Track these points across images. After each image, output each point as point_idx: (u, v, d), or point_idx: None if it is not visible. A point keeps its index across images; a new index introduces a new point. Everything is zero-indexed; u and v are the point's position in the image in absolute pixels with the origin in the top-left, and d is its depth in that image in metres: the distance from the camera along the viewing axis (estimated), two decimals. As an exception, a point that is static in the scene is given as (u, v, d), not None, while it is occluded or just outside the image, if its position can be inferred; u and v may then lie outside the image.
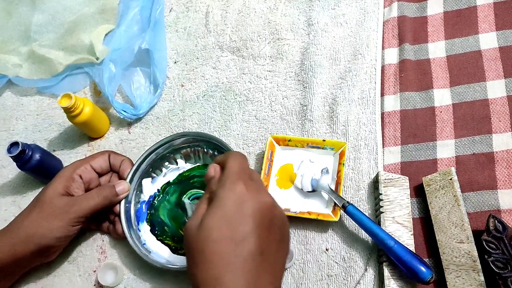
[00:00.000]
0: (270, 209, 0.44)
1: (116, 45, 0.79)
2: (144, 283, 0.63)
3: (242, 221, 0.42)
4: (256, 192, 0.44)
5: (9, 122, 0.80)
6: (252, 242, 0.42)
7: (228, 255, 0.41)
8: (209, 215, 0.43)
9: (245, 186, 0.44)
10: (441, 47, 0.69)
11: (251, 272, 0.41)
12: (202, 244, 0.42)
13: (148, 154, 0.67)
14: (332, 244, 0.60)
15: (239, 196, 0.43)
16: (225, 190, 0.44)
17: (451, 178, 0.57)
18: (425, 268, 0.52)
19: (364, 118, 0.66)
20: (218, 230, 0.42)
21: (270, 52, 0.75)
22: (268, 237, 0.43)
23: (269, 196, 0.45)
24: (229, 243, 0.41)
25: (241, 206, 0.43)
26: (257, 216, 0.43)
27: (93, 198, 0.61)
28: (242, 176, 0.45)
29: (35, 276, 0.66)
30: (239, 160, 0.47)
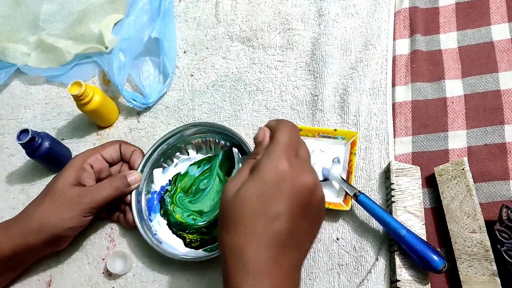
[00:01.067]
0: (309, 192, 0.44)
1: (125, 35, 0.79)
2: (153, 272, 0.63)
3: (277, 199, 0.42)
4: (299, 171, 0.43)
5: (18, 111, 0.80)
6: (283, 222, 0.42)
7: (257, 229, 0.41)
8: (247, 185, 0.43)
9: (288, 164, 0.43)
10: (453, 38, 0.69)
11: (276, 249, 0.41)
12: (235, 212, 0.42)
13: (159, 144, 0.66)
14: (343, 234, 0.60)
15: (281, 173, 0.42)
16: (267, 164, 0.43)
17: (464, 168, 0.57)
18: (438, 257, 0.51)
19: (375, 108, 0.66)
20: (254, 202, 0.42)
21: (281, 42, 0.75)
22: (300, 220, 0.43)
23: (311, 177, 0.44)
24: (261, 217, 0.42)
25: (280, 184, 0.42)
26: (294, 197, 0.42)
27: (105, 189, 0.61)
28: (288, 152, 0.44)
29: (44, 263, 0.66)
30: (289, 132, 0.46)
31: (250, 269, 0.41)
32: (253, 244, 0.41)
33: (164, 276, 0.62)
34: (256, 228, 0.41)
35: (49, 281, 0.65)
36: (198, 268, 0.61)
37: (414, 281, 0.54)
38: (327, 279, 0.58)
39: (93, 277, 0.64)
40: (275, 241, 0.41)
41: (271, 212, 0.42)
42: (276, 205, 0.42)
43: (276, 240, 0.42)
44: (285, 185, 0.42)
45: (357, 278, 0.57)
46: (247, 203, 0.42)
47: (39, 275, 0.65)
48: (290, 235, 0.42)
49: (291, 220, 0.42)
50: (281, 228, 0.42)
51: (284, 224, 0.42)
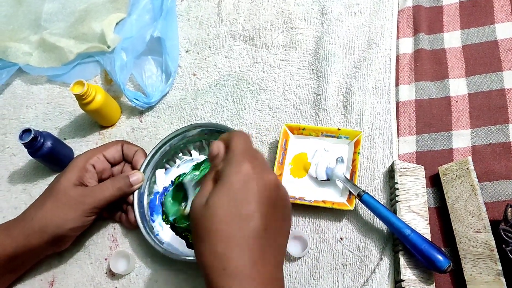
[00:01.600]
0: (275, 188, 0.45)
1: (127, 34, 0.78)
2: (156, 272, 0.63)
3: (248, 199, 0.43)
4: (262, 171, 0.44)
5: (20, 111, 0.80)
6: (257, 219, 0.42)
7: (234, 232, 0.42)
8: (215, 193, 0.44)
9: (250, 165, 0.44)
10: (456, 37, 0.69)
11: (256, 248, 0.42)
12: (209, 222, 0.43)
13: (162, 145, 0.66)
14: (347, 233, 0.60)
15: (245, 175, 0.43)
16: (231, 169, 0.44)
17: (468, 167, 0.57)
18: (443, 257, 0.51)
19: (378, 107, 0.66)
20: (225, 208, 0.42)
21: (283, 41, 0.75)
22: (272, 215, 0.44)
23: (273, 175, 0.45)
24: (235, 220, 0.42)
25: (247, 185, 0.43)
26: (262, 194, 0.43)
27: (107, 189, 0.61)
28: (248, 155, 0.45)
29: (47, 263, 0.66)
30: (243, 139, 0.47)
31: (234, 273, 0.41)
32: (234, 249, 0.42)
33: (167, 276, 0.62)
34: (233, 232, 0.42)
35: (52, 281, 0.65)
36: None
37: (419, 281, 0.53)
38: (331, 279, 0.58)
39: (96, 277, 0.64)
40: (253, 241, 0.42)
41: (244, 213, 0.42)
42: (247, 205, 0.43)
43: (254, 240, 0.42)
44: (252, 184, 0.43)
45: (361, 278, 0.57)
46: (219, 210, 0.43)
47: (42, 275, 0.65)
48: (266, 233, 0.43)
49: (264, 217, 0.43)
50: (256, 226, 0.42)
51: (258, 221, 0.42)
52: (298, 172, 0.63)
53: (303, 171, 0.63)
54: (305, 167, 0.63)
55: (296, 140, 0.65)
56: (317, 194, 0.61)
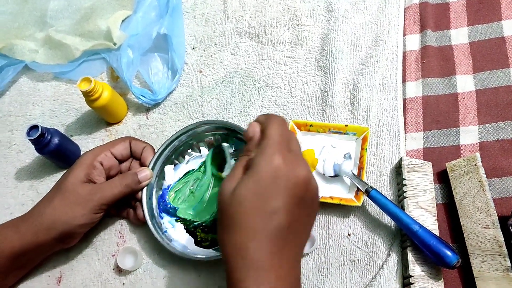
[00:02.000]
0: (304, 184, 0.44)
1: (133, 31, 0.78)
2: (163, 268, 0.63)
3: (275, 195, 0.42)
4: (293, 165, 0.44)
5: (26, 108, 0.80)
6: (282, 216, 0.42)
7: (256, 225, 0.42)
8: (243, 183, 0.43)
9: (282, 159, 0.43)
10: (463, 34, 0.69)
11: (276, 243, 0.42)
12: (233, 210, 0.42)
13: (171, 141, 0.66)
14: (354, 229, 0.60)
15: (276, 169, 0.43)
16: (262, 161, 0.43)
17: (476, 163, 0.57)
18: (451, 253, 0.51)
19: (385, 104, 0.66)
20: (250, 200, 0.42)
21: (290, 38, 0.75)
22: (297, 212, 0.44)
23: (305, 169, 0.44)
24: (259, 214, 0.42)
25: (276, 180, 0.42)
26: (290, 191, 0.43)
27: (116, 186, 0.61)
28: (281, 147, 0.44)
29: (54, 260, 0.66)
30: (280, 127, 0.46)
31: (253, 265, 0.41)
32: (254, 240, 0.41)
33: (174, 272, 0.62)
34: (256, 225, 0.42)
35: (59, 277, 0.65)
36: (209, 265, 0.61)
37: (427, 277, 0.53)
38: (339, 275, 0.58)
39: (103, 273, 0.64)
40: (276, 236, 0.42)
41: (269, 208, 0.42)
42: (273, 201, 0.42)
43: (276, 235, 0.42)
44: (281, 181, 0.43)
45: (369, 274, 0.57)
46: (245, 201, 0.42)
47: (49, 272, 0.65)
48: (289, 229, 0.43)
49: (289, 214, 0.43)
50: (280, 222, 0.42)
51: (282, 219, 0.42)
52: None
53: (311, 168, 0.63)
54: (313, 164, 0.63)
55: (303, 137, 0.65)
56: (325, 190, 0.61)
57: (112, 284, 0.63)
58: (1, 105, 0.81)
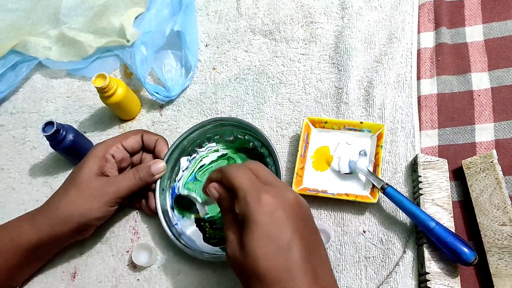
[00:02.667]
0: (298, 204, 0.45)
1: (146, 28, 0.79)
2: (178, 264, 0.63)
3: (281, 229, 0.43)
4: (279, 194, 0.45)
5: (40, 104, 0.80)
6: (298, 244, 0.43)
7: (282, 266, 0.42)
8: (247, 237, 0.43)
9: (268, 194, 0.44)
10: (478, 31, 0.68)
11: (309, 270, 0.42)
12: (251, 266, 0.42)
13: (189, 133, 0.67)
14: (370, 226, 0.60)
15: (268, 207, 0.43)
16: (253, 208, 0.44)
17: (492, 161, 0.57)
18: (468, 250, 0.51)
19: (400, 101, 0.66)
20: (262, 247, 0.42)
21: (303, 36, 0.75)
22: (306, 232, 0.44)
23: (291, 192, 0.46)
24: (278, 254, 0.42)
25: (274, 215, 0.43)
26: (290, 217, 0.44)
27: (130, 179, 0.61)
28: (257, 186, 0.45)
29: (68, 255, 0.66)
30: (240, 173, 0.47)
31: None
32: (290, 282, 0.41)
33: (189, 268, 0.62)
34: (282, 266, 0.42)
35: (74, 273, 0.65)
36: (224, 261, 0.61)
37: (444, 274, 0.53)
38: (354, 272, 0.58)
39: (118, 269, 0.64)
40: (303, 265, 0.42)
41: (283, 243, 0.42)
42: (283, 235, 0.43)
43: (303, 264, 0.42)
44: (279, 214, 0.43)
45: (384, 271, 0.57)
46: (260, 251, 0.42)
47: (64, 267, 0.66)
48: (309, 252, 0.43)
49: (302, 239, 0.43)
50: (299, 251, 0.43)
51: (300, 246, 0.43)
52: (320, 165, 0.63)
53: (325, 164, 0.63)
54: (328, 161, 0.63)
55: (318, 134, 0.65)
56: (340, 187, 0.61)
57: (126, 280, 0.63)
58: (15, 102, 0.81)
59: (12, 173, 0.74)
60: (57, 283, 0.65)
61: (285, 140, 0.68)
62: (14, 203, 0.71)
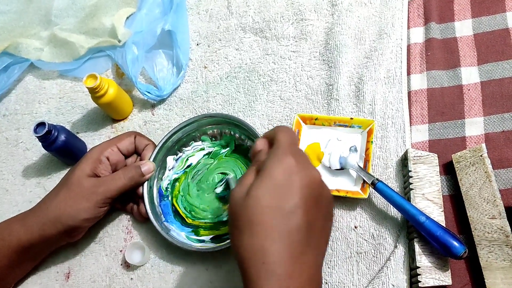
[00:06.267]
0: (319, 185, 0.44)
1: (137, 28, 0.78)
2: (171, 263, 0.63)
3: (291, 192, 0.41)
4: (305, 166, 0.43)
5: (32, 106, 0.80)
6: (300, 215, 0.41)
7: (276, 226, 0.41)
8: (257, 184, 0.42)
9: (294, 159, 0.43)
10: (468, 26, 0.69)
11: (297, 245, 0.41)
12: (249, 212, 0.41)
13: (174, 132, 0.67)
14: (361, 222, 0.60)
15: (289, 167, 0.42)
16: (274, 161, 0.43)
17: (482, 154, 0.57)
18: (458, 243, 0.51)
19: (390, 96, 0.66)
20: (267, 199, 0.41)
21: (294, 33, 0.75)
22: (315, 213, 0.43)
23: (317, 172, 0.45)
24: (277, 213, 0.41)
25: (290, 177, 0.42)
26: (306, 189, 0.42)
27: (120, 179, 0.62)
28: (292, 150, 0.44)
29: (62, 256, 0.66)
30: (289, 134, 0.47)
31: (273, 269, 0.39)
32: (273, 242, 0.40)
33: (182, 266, 0.63)
34: (274, 226, 0.41)
35: (68, 273, 0.65)
36: (216, 258, 0.62)
37: (434, 268, 0.53)
38: (346, 267, 0.58)
39: (111, 269, 0.64)
40: (295, 238, 0.41)
41: (286, 206, 0.41)
42: (290, 199, 0.41)
43: (295, 236, 0.41)
44: (295, 178, 0.42)
45: (376, 266, 0.57)
46: (261, 202, 0.41)
47: (58, 267, 0.66)
48: (308, 231, 0.42)
49: (306, 214, 0.42)
50: (298, 222, 0.41)
51: (301, 217, 0.41)
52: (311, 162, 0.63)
53: (317, 161, 0.63)
54: (319, 157, 0.63)
55: (309, 130, 0.65)
56: (331, 183, 0.61)
57: (120, 279, 0.64)
58: (8, 104, 0.81)
59: (5, 174, 0.75)
60: (51, 283, 0.65)
61: (276, 138, 0.68)
62: (7, 205, 0.72)
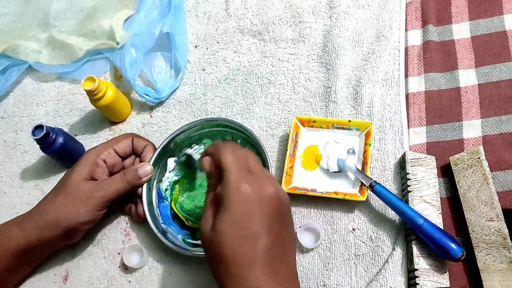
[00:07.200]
0: (275, 199, 0.46)
1: (136, 30, 0.79)
2: (169, 265, 0.63)
3: (251, 221, 0.44)
4: (258, 186, 0.45)
5: (30, 108, 0.80)
6: (264, 237, 0.44)
7: (244, 253, 0.43)
8: (220, 220, 0.44)
9: (247, 184, 0.45)
10: (465, 28, 0.69)
11: (268, 263, 0.43)
12: (217, 247, 0.44)
13: (176, 134, 0.67)
14: (359, 224, 0.60)
15: (245, 196, 0.44)
16: (230, 193, 0.45)
17: (479, 157, 0.57)
18: (456, 245, 0.51)
19: (388, 99, 0.66)
20: (231, 233, 0.44)
21: (292, 35, 0.75)
22: (278, 227, 0.45)
23: (271, 185, 0.46)
24: (243, 242, 0.43)
25: (248, 206, 0.44)
26: (264, 211, 0.44)
27: (118, 182, 0.61)
28: (241, 173, 0.46)
29: (60, 258, 0.66)
30: (232, 153, 0.47)
31: None
32: (245, 268, 0.43)
33: (180, 269, 0.63)
34: (242, 254, 0.43)
35: (66, 275, 0.65)
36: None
37: (432, 270, 0.54)
38: (344, 270, 0.58)
39: (109, 271, 0.64)
40: (264, 258, 0.43)
41: (250, 234, 0.43)
42: (252, 227, 0.44)
43: (264, 256, 0.43)
44: (253, 206, 0.44)
45: (374, 268, 0.57)
46: (226, 236, 0.44)
47: (56, 270, 0.66)
48: (275, 246, 0.44)
49: (270, 233, 0.44)
50: (263, 244, 0.43)
51: (265, 240, 0.44)
52: (309, 164, 0.63)
53: (315, 163, 0.63)
54: (316, 159, 0.63)
55: (307, 133, 0.65)
56: (329, 185, 0.61)
57: (118, 281, 0.63)
58: (6, 106, 0.81)
59: (3, 177, 0.74)
60: (49, 286, 0.65)
61: (274, 140, 0.68)
62: (5, 207, 0.72)
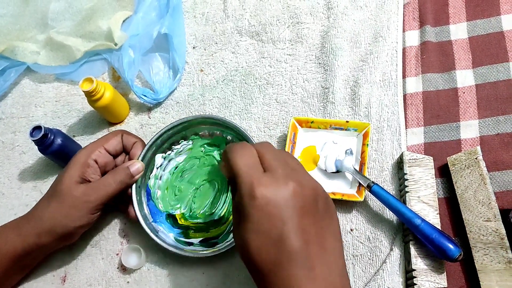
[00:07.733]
0: (299, 195, 0.42)
1: (134, 31, 0.79)
2: (167, 266, 0.63)
3: (272, 223, 0.41)
4: (277, 186, 0.42)
5: (28, 109, 0.80)
6: (292, 236, 0.41)
7: (274, 258, 0.41)
8: (242, 229, 0.43)
9: (261, 186, 0.42)
10: (462, 29, 0.69)
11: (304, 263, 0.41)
12: (248, 258, 0.42)
13: (165, 131, 0.66)
14: (357, 225, 0.60)
15: (260, 201, 0.41)
16: (245, 202, 0.42)
17: (477, 157, 0.57)
18: (453, 246, 0.51)
19: (386, 99, 0.66)
20: (256, 240, 0.41)
21: (290, 36, 0.75)
22: (309, 225, 0.42)
23: (291, 179, 0.43)
24: (269, 247, 0.41)
25: (266, 210, 0.41)
26: (287, 211, 0.41)
27: (110, 184, 0.61)
28: (254, 176, 0.43)
29: (58, 259, 0.66)
30: (241, 157, 0.45)
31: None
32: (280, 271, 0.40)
33: (178, 269, 0.63)
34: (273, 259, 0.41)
35: (64, 276, 0.65)
36: (213, 262, 0.62)
37: (430, 270, 0.54)
38: (342, 270, 0.58)
39: (108, 272, 0.64)
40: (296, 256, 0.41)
41: (275, 238, 0.41)
42: (274, 229, 0.41)
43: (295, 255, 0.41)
44: (271, 207, 0.41)
45: (372, 269, 0.57)
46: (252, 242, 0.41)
47: (54, 271, 0.66)
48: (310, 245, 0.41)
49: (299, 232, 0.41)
50: (291, 243, 0.41)
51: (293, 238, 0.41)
52: (307, 165, 0.64)
53: (312, 164, 0.63)
54: (314, 160, 0.63)
55: (305, 133, 0.65)
56: (327, 186, 0.61)
57: (116, 282, 0.64)
58: (4, 107, 0.81)
59: (2, 178, 0.74)
60: (47, 287, 0.65)
61: (272, 141, 0.68)
62: (3, 208, 0.71)
